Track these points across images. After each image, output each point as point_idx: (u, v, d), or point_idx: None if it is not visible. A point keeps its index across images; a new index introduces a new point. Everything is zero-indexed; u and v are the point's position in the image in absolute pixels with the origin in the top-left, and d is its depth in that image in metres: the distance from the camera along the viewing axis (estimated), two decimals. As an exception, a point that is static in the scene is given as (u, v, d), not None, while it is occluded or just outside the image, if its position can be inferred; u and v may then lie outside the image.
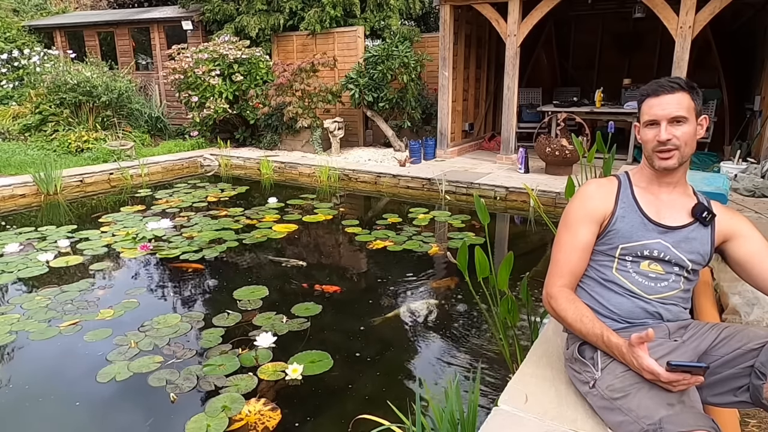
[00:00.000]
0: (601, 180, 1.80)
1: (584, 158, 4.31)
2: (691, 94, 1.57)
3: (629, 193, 1.69)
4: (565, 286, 1.67)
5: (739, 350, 1.45)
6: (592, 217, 1.68)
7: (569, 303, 1.61)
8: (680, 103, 1.56)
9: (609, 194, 1.70)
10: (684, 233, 1.63)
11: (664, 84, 1.59)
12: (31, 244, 4.55)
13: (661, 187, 1.67)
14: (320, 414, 2.38)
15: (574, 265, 1.68)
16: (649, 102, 1.61)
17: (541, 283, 3.90)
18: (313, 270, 4.10)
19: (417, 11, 9.64)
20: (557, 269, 1.70)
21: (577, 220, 1.70)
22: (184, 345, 2.91)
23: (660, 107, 1.57)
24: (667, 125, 1.57)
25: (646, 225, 1.64)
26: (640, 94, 1.66)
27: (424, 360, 2.88)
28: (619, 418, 1.42)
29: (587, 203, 1.70)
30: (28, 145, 8.09)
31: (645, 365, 1.34)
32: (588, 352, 1.61)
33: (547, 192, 5.72)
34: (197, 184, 7.14)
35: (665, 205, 1.66)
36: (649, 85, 1.65)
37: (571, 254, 1.68)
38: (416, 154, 7.50)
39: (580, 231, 1.68)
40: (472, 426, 1.85)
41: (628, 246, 1.64)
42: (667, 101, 1.57)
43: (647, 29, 8.31)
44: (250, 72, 8.64)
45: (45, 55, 10.16)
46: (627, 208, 1.67)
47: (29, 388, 2.59)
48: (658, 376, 1.31)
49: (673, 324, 1.62)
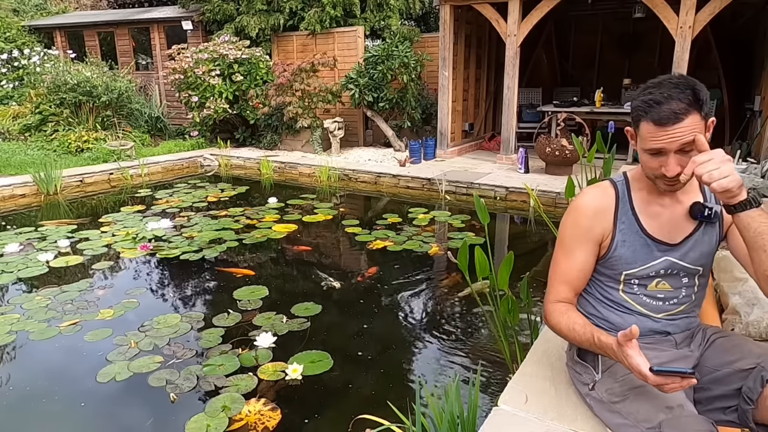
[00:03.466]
0: (596, 192, 1.58)
1: (584, 158, 4.31)
2: (700, 112, 1.31)
3: (628, 209, 1.52)
4: (560, 301, 1.58)
5: (729, 369, 1.42)
6: (588, 237, 1.54)
7: (561, 315, 1.54)
8: (691, 128, 1.30)
9: (606, 212, 1.53)
10: (690, 243, 1.50)
11: (667, 107, 1.30)
12: (31, 244, 4.55)
13: (664, 195, 1.50)
14: (320, 414, 2.38)
15: (572, 284, 1.59)
16: (650, 128, 1.34)
17: (541, 282, 3.90)
18: (317, 270, 4.10)
19: (417, 11, 9.64)
20: (553, 288, 1.60)
21: (572, 241, 1.56)
22: (184, 345, 2.91)
23: (666, 140, 1.32)
24: (675, 154, 1.33)
25: (650, 245, 1.50)
26: (634, 108, 1.39)
27: (424, 360, 2.88)
28: (619, 420, 1.41)
29: (582, 222, 1.54)
30: (28, 145, 8.09)
31: (633, 365, 1.27)
32: (589, 354, 1.60)
33: (547, 192, 5.72)
34: (197, 184, 7.14)
35: (668, 213, 1.51)
36: (645, 98, 1.34)
37: (568, 274, 1.58)
38: (416, 154, 7.50)
39: (576, 253, 1.55)
40: (472, 426, 1.85)
41: (632, 272, 1.52)
42: (673, 132, 1.30)
43: (647, 29, 8.31)
44: (250, 72, 8.64)
45: (45, 55, 10.16)
46: (627, 230, 1.51)
47: (29, 388, 2.58)
48: (645, 378, 1.25)
49: (680, 335, 1.58)
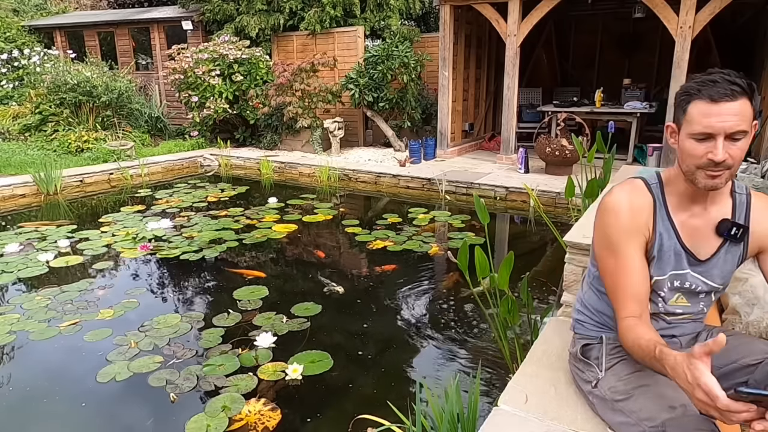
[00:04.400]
0: (629, 188, 1.47)
1: (584, 158, 4.31)
2: (752, 101, 1.26)
3: (665, 214, 1.44)
4: (629, 316, 1.41)
5: (735, 364, 1.42)
6: (635, 230, 1.43)
7: (627, 332, 1.39)
8: (743, 114, 1.25)
9: (644, 210, 1.44)
10: (714, 261, 1.44)
11: (723, 85, 1.25)
12: (31, 244, 4.55)
13: (695, 203, 1.42)
14: (320, 414, 2.38)
15: (637, 290, 1.42)
16: (702, 107, 1.27)
17: (541, 282, 3.90)
18: (317, 270, 4.10)
19: (417, 11, 9.64)
20: (617, 304, 1.45)
21: (621, 240, 1.43)
22: (184, 345, 2.91)
23: (719, 118, 1.25)
24: (724, 141, 1.26)
25: (680, 254, 1.44)
26: (684, 91, 1.32)
27: (424, 360, 2.88)
28: (621, 419, 1.41)
29: (624, 217, 1.43)
30: (28, 145, 8.09)
31: (702, 383, 1.03)
32: (593, 352, 1.59)
33: (547, 192, 5.72)
34: (197, 184, 7.14)
35: (696, 223, 1.44)
36: (699, 80, 1.29)
37: (629, 278, 1.42)
38: (416, 154, 7.50)
39: (628, 251, 1.42)
40: (472, 426, 1.85)
41: (660, 279, 1.46)
42: (727, 111, 1.24)
43: (647, 29, 8.31)
44: (250, 72, 8.64)
45: (45, 55, 10.16)
46: (666, 234, 1.44)
47: (29, 388, 2.58)
48: (715, 400, 1.01)
49: (685, 337, 1.57)
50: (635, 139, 6.95)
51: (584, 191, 3.54)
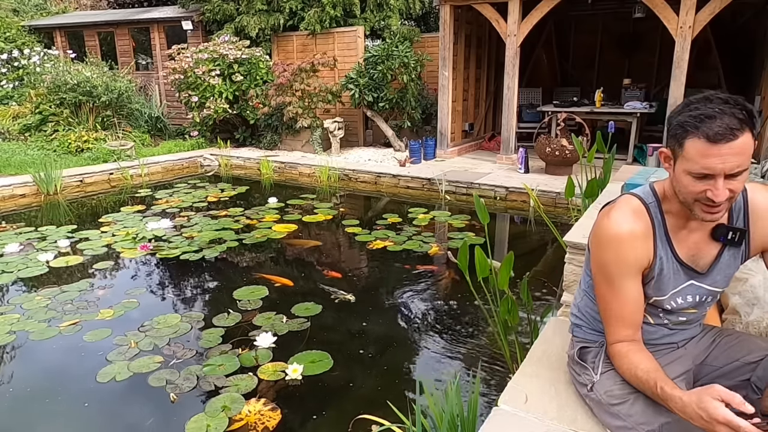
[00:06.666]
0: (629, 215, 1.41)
1: (584, 158, 4.31)
2: (753, 132, 1.19)
3: (663, 233, 1.41)
4: (620, 341, 1.45)
5: (737, 362, 1.43)
6: (635, 268, 1.41)
7: (622, 359, 1.42)
8: (744, 152, 1.18)
9: (645, 237, 1.40)
10: (716, 267, 1.43)
11: (723, 122, 1.16)
12: (31, 244, 4.55)
13: (692, 218, 1.37)
14: (320, 414, 2.38)
15: (630, 319, 1.44)
16: (700, 147, 1.19)
17: (541, 282, 3.89)
18: (318, 270, 4.10)
19: (417, 11, 9.64)
20: (609, 327, 1.47)
21: (620, 277, 1.41)
22: (184, 345, 2.91)
23: (720, 159, 1.18)
24: (724, 180, 1.21)
25: (679, 271, 1.43)
26: (680, 124, 1.23)
27: (424, 360, 2.88)
28: (617, 422, 1.41)
29: (626, 254, 1.39)
30: (28, 145, 8.09)
31: (720, 417, 1.08)
32: (590, 355, 1.60)
33: (547, 192, 5.72)
34: (197, 184, 7.14)
35: (696, 236, 1.42)
36: (695, 113, 1.20)
37: (621, 312, 1.43)
38: (416, 154, 7.50)
39: (625, 289, 1.41)
40: (472, 426, 1.85)
41: (660, 299, 1.46)
42: (728, 151, 1.17)
43: (647, 29, 8.30)
44: (250, 72, 8.64)
45: (45, 55, 10.16)
46: (665, 257, 1.42)
47: (29, 389, 2.58)
48: (738, 430, 1.07)
49: (685, 341, 1.58)
50: (635, 139, 6.95)
51: (584, 191, 3.55)
